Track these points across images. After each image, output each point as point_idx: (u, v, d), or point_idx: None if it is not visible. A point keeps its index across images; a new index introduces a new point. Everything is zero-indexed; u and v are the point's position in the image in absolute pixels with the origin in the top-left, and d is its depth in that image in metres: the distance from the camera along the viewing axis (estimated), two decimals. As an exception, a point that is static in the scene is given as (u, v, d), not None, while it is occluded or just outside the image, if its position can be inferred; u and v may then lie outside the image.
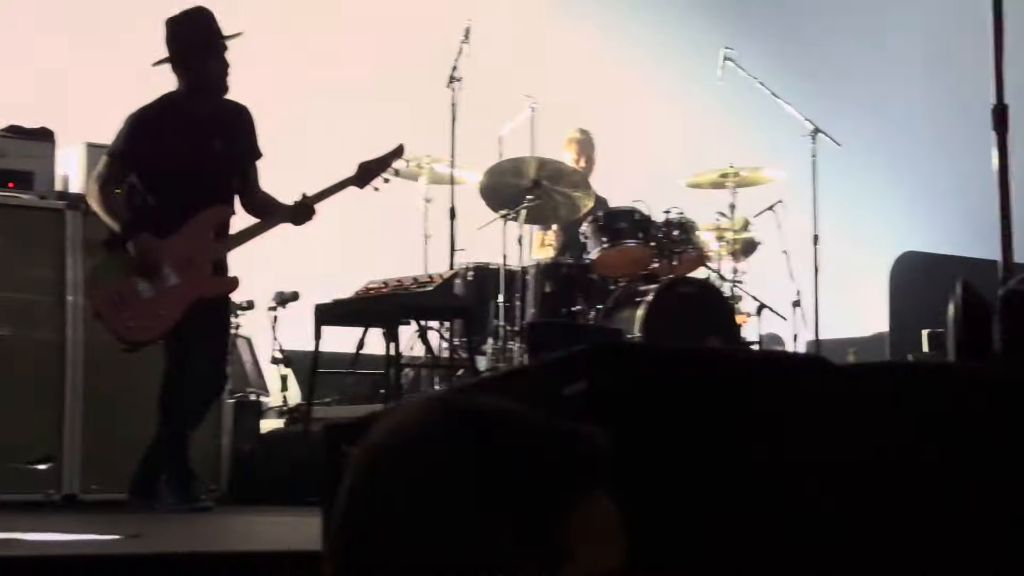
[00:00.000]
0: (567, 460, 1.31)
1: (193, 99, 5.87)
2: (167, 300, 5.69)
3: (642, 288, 7.78)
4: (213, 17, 5.87)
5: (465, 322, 7.39)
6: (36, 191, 6.60)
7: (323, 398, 7.34)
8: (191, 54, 5.82)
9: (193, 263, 5.75)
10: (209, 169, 5.87)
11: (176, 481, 5.67)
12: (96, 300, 5.72)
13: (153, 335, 5.69)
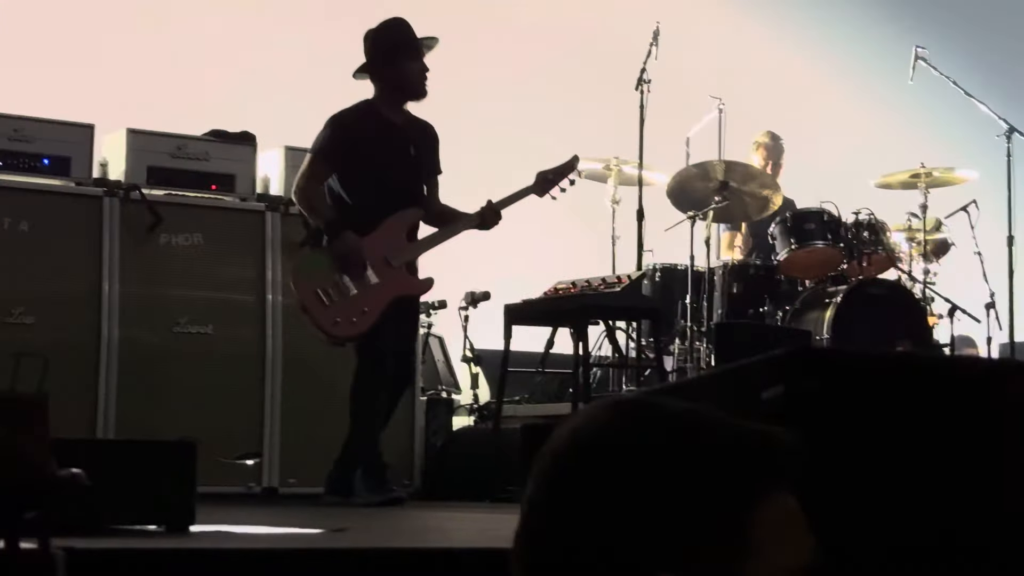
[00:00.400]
0: (752, 458, 1.30)
1: (390, 106, 5.98)
2: (370, 297, 5.78)
3: (831, 289, 7.67)
4: (409, 26, 5.97)
5: (652, 322, 7.37)
6: (238, 193, 6.76)
7: (513, 396, 7.39)
8: (389, 59, 5.92)
9: (390, 263, 5.86)
10: (404, 173, 5.98)
11: (370, 474, 5.76)
12: (303, 295, 5.80)
13: (358, 330, 5.76)
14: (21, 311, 6.15)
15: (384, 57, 5.93)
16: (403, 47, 5.92)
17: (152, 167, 6.58)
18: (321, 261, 5.82)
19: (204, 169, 6.70)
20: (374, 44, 5.95)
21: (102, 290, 6.33)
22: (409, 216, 5.97)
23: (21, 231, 6.23)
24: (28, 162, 6.34)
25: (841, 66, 11.61)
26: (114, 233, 6.41)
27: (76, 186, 6.43)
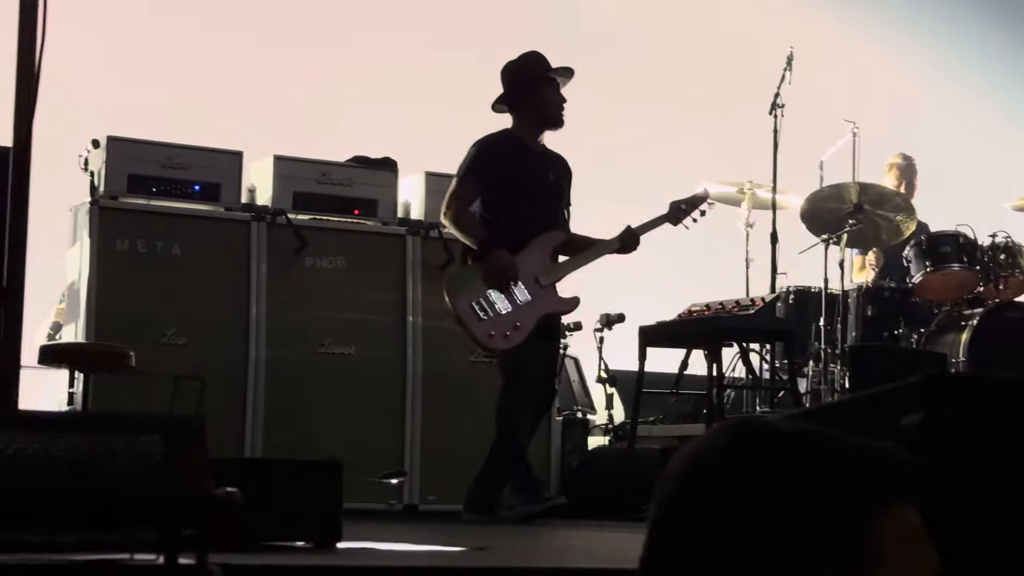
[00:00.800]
0: (872, 469, 1.30)
1: (529, 135, 6.08)
2: (522, 313, 5.87)
3: (967, 312, 7.55)
4: (546, 58, 6.08)
5: (786, 345, 7.33)
6: (380, 218, 6.84)
7: (647, 417, 7.37)
8: (529, 91, 6.03)
9: (540, 282, 5.93)
10: (545, 197, 6.07)
11: (523, 487, 5.82)
12: (458, 309, 5.87)
13: (512, 343, 5.84)
14: (173, 332, 6.28)
15: (524, 89, 6.04)
16: (542, 79, 6.03)
17: (298, 192, 6.68)
18: (474, 277, 5.91)
19: (347, 194, 6.78)
20: (514, 76, 6.07)
21: (249, 312, 6.44)
22: (555, 238, 6.06)
23: (173, 255, 6.37)
24: (180, 188, 6.47)
25: (976, 89, 11.42)
26: (261, 256, 6.52)
27: (225, 211, 6.55)
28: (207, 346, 6.30)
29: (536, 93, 6.03)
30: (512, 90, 6.07)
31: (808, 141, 8.32)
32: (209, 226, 6.51)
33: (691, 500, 1.29)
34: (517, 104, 6.07)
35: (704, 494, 1.28)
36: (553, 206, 6.11)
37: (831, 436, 1.31)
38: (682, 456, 1.33)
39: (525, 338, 5.84)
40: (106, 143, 6.36)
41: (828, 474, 1.27)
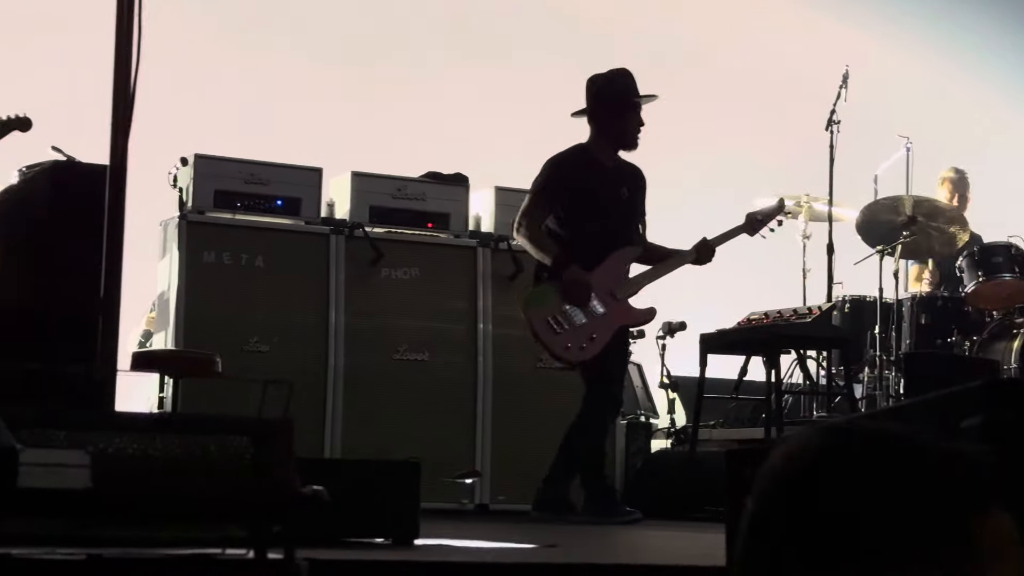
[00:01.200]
0: (969, 473, 1.29)
1: (603, 150, 5.99)
2: (598, 326, 5.81)
3: (1018, 320, 7.47)
4: (633, 79, 5.98)
5: (842, 351, 7.26)
6: (452, 230, 6.85)
7: (707, 421, 7.33)
8: (611, 110, 5.94)
9: (615, 295, 5.88)
10: (617, 213, 5.98)
11: (600, 497, 5.77)
12: (534, 323, 5.83)
13: (588, 355, 5.78)
14: (256, 340, 6.33)
15: (606, 107, 5.95)
16: (626, 100, 5.93)
17: (374, 207, 6.71)
18: (549, 293, 5.84)
19: (421, 208, 6.80)
20: (599, 92, 5.96)
21: (329, 320, 6.48)
22: (629, 253, 5.99)
23: (257, 266, 6.42)
24: (263, 203, 6.51)
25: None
26: (339, 268, 6.55)
27: (306, 225, 6.58)
28: (288, 353, 6.33)
29: (620, 116, 5.94)
30: (596, 106, 5.96)
31: (863, 155, 8.27)
32: (290, 239, 6.55)
33: (788, 501, 1.28)
34: (597, 121, 5.98)
35: (800, 495, 1.27)
36: (627, 222, 6.03)
37: (928, 440, 1.30)
38: (777, 457, 1.32)
39: (601, 349, 5.78)
40: (193, 161, 6.42)
41: (928, 477, 1.26)
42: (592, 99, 5.98)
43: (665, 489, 6.66)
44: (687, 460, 6.70)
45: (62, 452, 2.42)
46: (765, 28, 10.74)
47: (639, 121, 5.96)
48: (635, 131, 5.96)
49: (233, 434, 2.56)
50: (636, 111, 5.95)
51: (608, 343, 5.80)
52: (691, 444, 6.81)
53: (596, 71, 6.03)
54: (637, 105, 5.95)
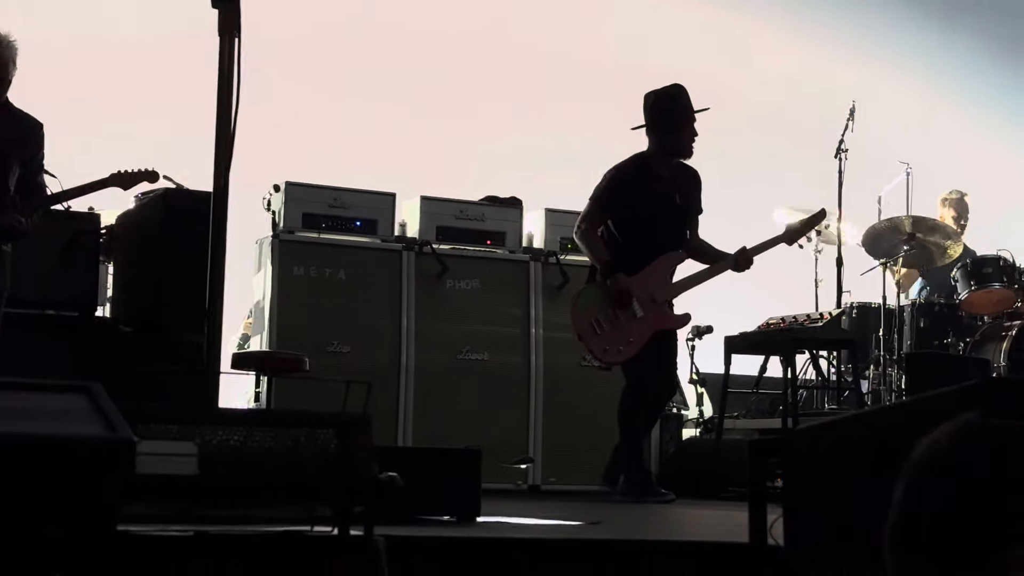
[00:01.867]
0: None
1: (661, 160, 5.80)
2: (636, 329, 5.67)
3: (1006, 324, 7.39)
4: (688, 94, 5.81)
5: (850, 352, 7.18)
6: (507, 247, 6.84)
7: (731, 412, 7.28)
8: (668, 123, 5.76)
9: (655, 300, 5.73)
10: (669, 220, 5.82)
11: (635, 480, 5.67)
12: (578, 325, 5.71)
13: (624, 357, 5.67)
14: (338, 343, 6.34)
15: (663, 120, 5.75)
16: (682, 114, 5.75)
17: (440, 226, 6.70)
18: (595, 296, 5.73)
19: (481, 228, 6.79)
20: (655, 107, 5.79)
21: (401, 325, 6.49)
22: (674, 259, 5.82)
23: (339, 279, 6.44)
24: (344, 224, 6.53)
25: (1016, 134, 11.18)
26: (410, 280, 6.56)
27: (381, 242, 6.59)
28: (366, 354, 6.35)
29: (675, 128, 5.74)
30: (652, 119, 5.78)
31: (868, 180, 8.20)
32: (368, 255, 6.55)
33: (938, 476, 1.32)
34: (655, 133, 5.79)
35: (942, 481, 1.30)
36: (676, 227, 5.84)
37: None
38: (922, 449, 1.37)
39: (638, 351, 5.65)
40: (284, 187, 6.45)
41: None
42: (649, 113, 5.80)
43: (694, 472, 6.61)
44: (714, 447, 6.65)
45: (173, 443, 2.43)
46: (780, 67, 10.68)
47: (693, 132, 5.77)
48: (690, 141, 5.77)
49: (320, 427, 2.56)
50: (691, 123, 5.76)
51: (644, 346, 5.67)
52: (717, 433, 6.76)
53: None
54: (692, 117, 5.76)
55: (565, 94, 9.81)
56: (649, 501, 5.58)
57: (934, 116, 10.96)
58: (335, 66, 9.39)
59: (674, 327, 5.91)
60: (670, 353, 5.93)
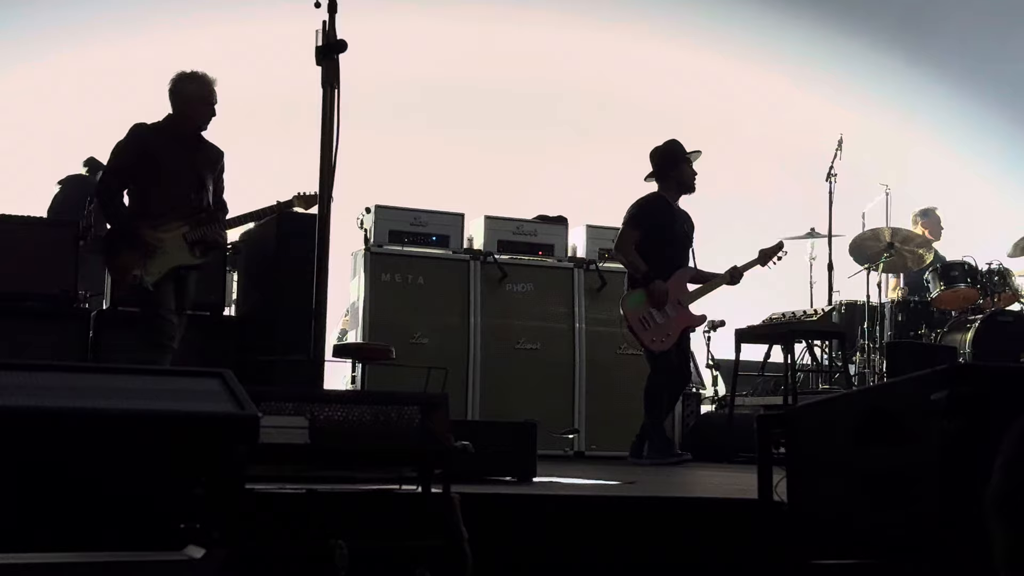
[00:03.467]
0: None
1: (671, 198, 5.96)
2: (672, 325, 5.79)
3: (971, 318, 7.29)
4: (680, 143, 5.97)
5: (840, 341, 7.13)
6: (555, 257, 6.84)
7: (741, 391, 7.25)
8: (672, 168, 5.92)
9: (681, 303, 5.86)
10: (680, 244, 5.96)
11: (659, 446, 5.74)
12: (631, 321, 5.82)
13: (666, 346, 5.77)
14: (419, 335, 6.38)
15: (668, 166, 5.92)
16: (681, 159, 5.91)
17: (500, 240, 6.73)
18: (641, 299, 5.81)
19: (533, 241, 6.81)
20: (661, 157, 5.96)
21: (469, 321, 6.51)
22: (688, 273, 5.96)
23: (419, 284, 6.47)
24: (422, 239, 6.56)
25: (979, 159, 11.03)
26: (476, 284, 6.58)
27: (452, 254, 6.61)
28: (442, 344, 6.37)
29: (677, 169, 5.90)
30: (660, 166, 5.95)
31: (853, 199, 8.12)
32: (442, 264, 6.58)
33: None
34: (663, 177, 5.95)
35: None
36: (685, 249, 6.00)
37: None
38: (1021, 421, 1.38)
39: (673, 343, 5.77)
40: (374, 209, 6.50)
41: None
42: (658, 162, 5.96)
43: (711, 442, 6.59)
44: (727, 420, 6.63)
45: (289, 418, 2.46)
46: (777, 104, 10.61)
47: (694, 172, 5.93)
48: (692, 179, 5.93)
49: (407, 405, 2.57)
50: (689, 165, 5.92)
51: (678, 339, 5.79)
52: (730, 409, 6.74)
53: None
54: (690, 161, 5.92)
55: (602, 129, 9.80)
56: (671, 461, 5.61)
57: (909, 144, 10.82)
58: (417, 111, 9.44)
59: (696, 325, 6.01)
60: (686, 346, 6.04)
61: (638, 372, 5.97)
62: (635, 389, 5.92)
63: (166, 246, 4.72)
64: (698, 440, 6.73)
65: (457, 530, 2.53)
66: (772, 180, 9.99)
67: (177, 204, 4.75)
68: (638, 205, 5.92)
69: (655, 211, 5.87)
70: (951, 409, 2.45)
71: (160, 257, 4.70)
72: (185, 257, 4.78)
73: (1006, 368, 3.28)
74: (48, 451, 2.07)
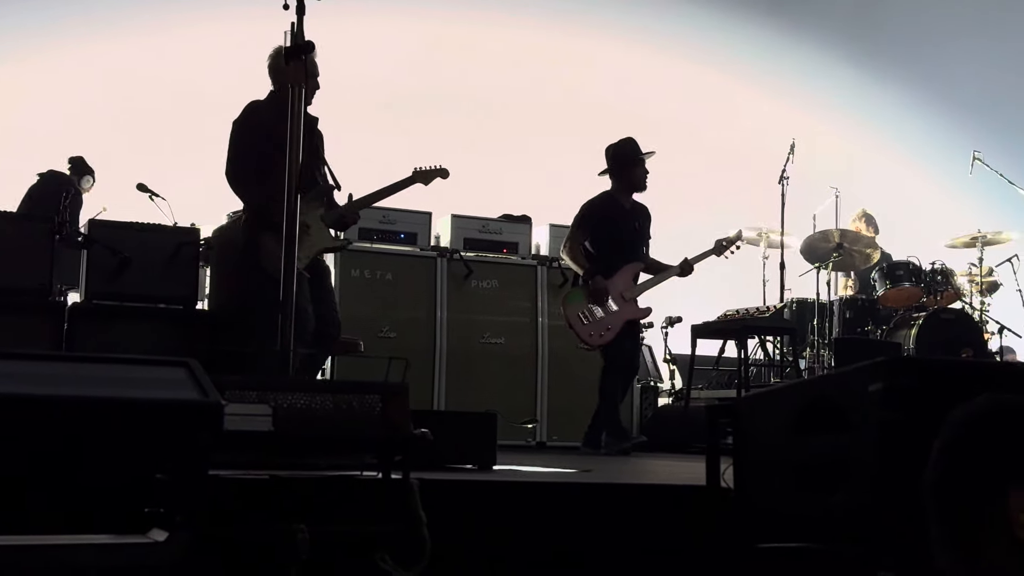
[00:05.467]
0: None
1: (623, 196, 5.94)
2: (612, 320, 5.77)
3: (915, 315, 7.37)
4: (636, 141, 5.93)
5: (791, 337, 7.18)
6: (519, 254, 6.83)
7: (696, 385, 7.29)
8: (625, 166, 5.88)
9: (624, 297, 5.83)
10: (631, 239, 5.94)
11: (615, 432, 5.75)
12: (569, 317, 5.80)
13: (605, 341, 5.75)
14: (387, 328, 6.36)
15: (621, 164, 5.88)
16: (634, 159, 5.88)
17: (467, 238, 6.71)
18: (579, 294, 5.82)
19: (498, 239, 6.80)
20: (615, 155, 5.92)
21: (436, 316, 6.49)
22: (636, 267, 5.93)
23: (387, 279, 6.45)
24: (392, 236, 6.54)
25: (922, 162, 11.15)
26: (443, 280, 6.57)
27: (420, 251, 6.59)
28: (409, 338, 6.35)
29: (629, 169, 5.87)
30: (612, 165, 5.92)
31: (804, 201, 8.18)
32: (410, 261, 6.56)
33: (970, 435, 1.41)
34: (616, 175, 5.92)
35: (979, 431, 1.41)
36: (637, 245, 5.99)
37: None
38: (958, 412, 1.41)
39: (615, 336, 5.74)
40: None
41: None
42: (611, 160, 5.93)
43: (668, 433, 6.62)
44: (683, 412, 6.67)
45: (253, 406, 2.44)
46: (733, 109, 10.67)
47: (646, 171, 5.91)
48: (643, 178, 5.90)
49: (368, 394, 2.57)
50: (642, 164, 5.89)
51: (619, 332, 5.75)
52: (685, 401, 6.77)
53: (612, 139, 6.00)
54: (643, 160, 5.89)
55: (566, 131, 9.82)
56: (627, 445, 5.62)
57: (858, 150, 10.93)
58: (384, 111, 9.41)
59: (640, 317, 5.98)
60: (636, 338, 6.04)
61: (598, 365, 5.97)
62: (595, 382, 5.92)
63: (311, 230, 4.45)
64: (655, 431, 6.75)
65: (416, 515, 2.52)
66: (727, 182, 10.04)
67: (306, 184, 4.55)
68: (587, 206, 5.91)
69: (603, 212, 5.86)
70: (888, 400, 2.48)
71: (307, 241, 4.37)
72: (328, 240, 4.55)
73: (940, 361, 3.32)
74: (13, 437, 2.04)
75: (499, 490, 2.96)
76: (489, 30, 9.99)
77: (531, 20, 10.15)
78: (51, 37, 8.33)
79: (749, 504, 2.87)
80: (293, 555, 2.33)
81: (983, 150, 8.11)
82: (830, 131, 10.77)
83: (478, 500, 2.85)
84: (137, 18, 8.37)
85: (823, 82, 11.09)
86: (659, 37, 10.63)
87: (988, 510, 1.30)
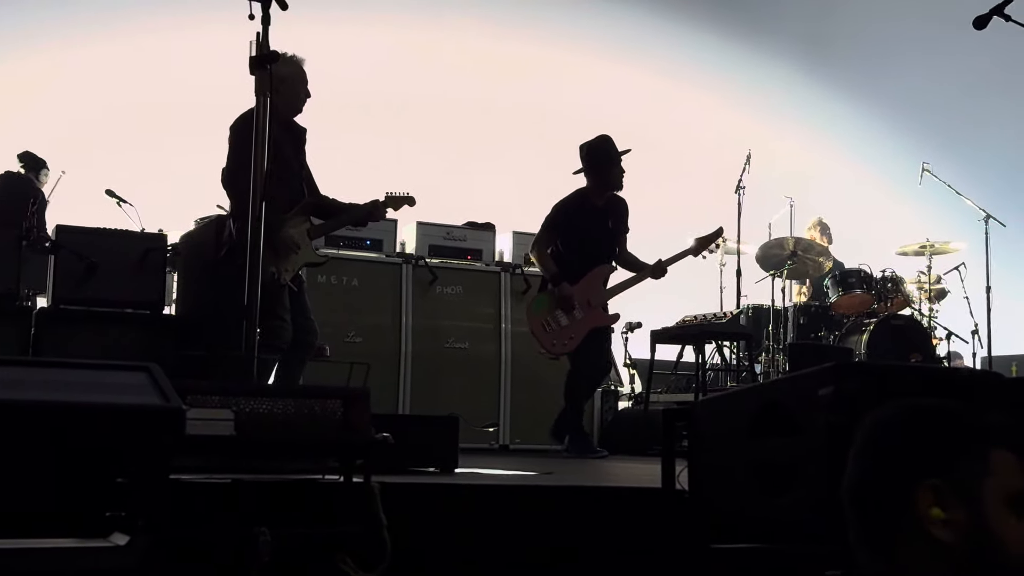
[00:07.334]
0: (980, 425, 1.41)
1: (596, 194, 5.77)
2: (576, 327, 5.67)
3: (866, 321, 7.45)
4: (612, 140, 5.77)
5: (747, 342, 7.23)
6: (484, 261, 6.81)
7: (656, 388, 7.31)
8: (599, 164, 5.72)
9: (591, 304, 5.71)
10: (603, 240, 5.79)
11: (578, 440, 5.70)
12: (532, 325, 5.72)
13: (568, 349, 5.67)
14: (353, 334, 6.32)
15: (596, 163, 5.72)
16: (610, 156, 5.72)
17: (432, 245, 6.69)
18: (544, 301, 5.72)
19: (463, 246, 6.77)
20: (589, 153, 5.76)
21: (402, 321, 6.46)
22: (606, 270, 5.80)
23: (353, 285, 6.42)
24: (357, 243, 6.50)
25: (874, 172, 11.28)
26: (408, 286, 6.54)
27: (386, 257, 6.56)
28: (375, 343, 6.32)
29: (605, 168, 5.71)
30: (588, 164, 5.75)
31: (760, 210, 8.24)
32: (376, 267, 6.53)
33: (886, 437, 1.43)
34: (590, 173, 5.76)
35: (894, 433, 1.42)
36: (608, 246, 5.81)
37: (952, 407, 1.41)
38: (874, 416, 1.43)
39: (578, 345, 5.64)
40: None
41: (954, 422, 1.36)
42: (586, 158, 5.77)
43: (627, 435, 6.63)
44: (642, 416, 6.68)
45: (215, 411, 2.42)
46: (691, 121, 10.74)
47: (621, 170, 5.74)
48: (619, 178, 5.74)
49: (330, 399, 2.55)
50: (618, 163, 5.73)
51: (585, 339, 5.66)
52: (645, 405, 6.79)
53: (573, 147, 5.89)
54: (619, 159, 5.73)
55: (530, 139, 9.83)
56: (588, 458, 5.59)
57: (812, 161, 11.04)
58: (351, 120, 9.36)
59: (607, 324, 5.87)
60: (604, 343, 5.93)
61: (560, 370, 5.97)
62: (557, 387, 5.90)
63: (299, 243, 4.35)
64: (615, 434, 6.76)
65: (376, 517, 2.50)
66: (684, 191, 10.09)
67: (295, 197, 4.43)
68: (557, 207, 5.78)
69: (574, 213, 5.73)
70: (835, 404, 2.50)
71: (294, 257, 4.30)
72: (311, 255, 4.48)
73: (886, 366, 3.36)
74: (-27, 442, 2.01)
75: (460, 493, 2.94)
76: (452, 38, 9.98)
77: (494, 29, 10.17)
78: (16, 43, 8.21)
79: (703, 505, 2.88)
80: (255, 558, 2.31)
81: (932, 161, 8.22)
82: (785, 142, 10.87)
83: (439, 503, 2.84)
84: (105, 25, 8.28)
85: (778, 95, 11.20)
86: (620, 48, 10.68)
87: (900, 510, 1.32)
